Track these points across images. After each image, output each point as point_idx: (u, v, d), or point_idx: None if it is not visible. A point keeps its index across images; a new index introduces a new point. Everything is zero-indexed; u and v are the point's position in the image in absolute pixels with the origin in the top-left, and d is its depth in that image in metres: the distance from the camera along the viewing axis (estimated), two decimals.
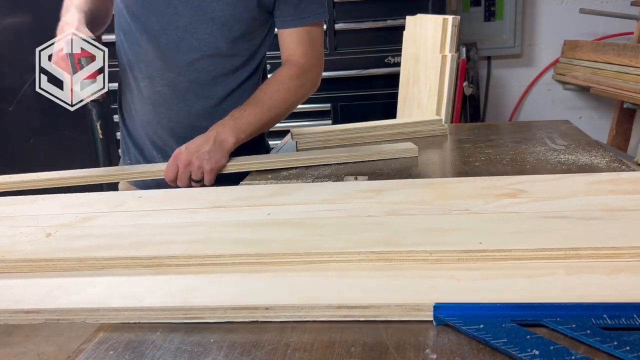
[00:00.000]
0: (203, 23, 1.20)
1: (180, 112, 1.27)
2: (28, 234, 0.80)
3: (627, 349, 0.47)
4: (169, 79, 1.25)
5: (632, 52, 2.51)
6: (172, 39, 1.22)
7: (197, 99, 1.26)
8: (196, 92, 1.26)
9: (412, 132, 1.39)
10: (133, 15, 1.23)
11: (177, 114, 1.27)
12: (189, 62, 1.23)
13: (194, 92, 1.26)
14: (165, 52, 1.23)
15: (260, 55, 1.31)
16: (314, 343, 0.53)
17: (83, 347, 0.56)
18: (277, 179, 1.12)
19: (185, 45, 1.22)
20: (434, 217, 0.77)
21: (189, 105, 1.27)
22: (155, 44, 1.23)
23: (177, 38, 1.22)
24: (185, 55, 1.23)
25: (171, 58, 1.23)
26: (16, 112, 2.61)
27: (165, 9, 1.20)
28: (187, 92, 1.26)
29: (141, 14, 1.22)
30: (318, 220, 0.79)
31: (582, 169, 1.04)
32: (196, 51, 1.22)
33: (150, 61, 1.25)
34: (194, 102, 1.26)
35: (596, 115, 3.14)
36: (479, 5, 3.01)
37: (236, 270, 0.67)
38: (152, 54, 1.24)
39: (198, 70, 1.24)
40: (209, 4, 1.19)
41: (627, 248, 0.63)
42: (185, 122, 1.28)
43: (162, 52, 1.23)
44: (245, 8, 1.20)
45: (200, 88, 1.26)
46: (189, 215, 0.85)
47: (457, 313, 0.54)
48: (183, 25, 1.21)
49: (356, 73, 2.51)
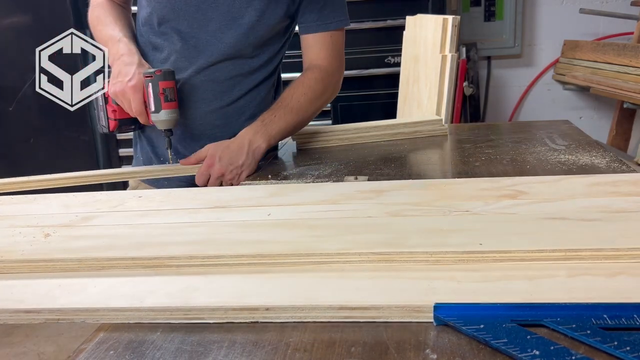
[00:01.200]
0: (231, 28, 1.22)
1: (197, 111, 1.28)
2: (27, 235, 0.80)
3: (627, 349, 0.47)
4: (188, 77, 1.26)
5: (632, 52, 2.51)
6: (200, 42, 1.24)
7: (213, 98, 1.28)
8: (214, 91, 1.27)
9: (412, 132, 1.39)
10: (162, 19, 1.25)
11: (193, 112, 1.28)
12: (210, 63, 1.25)
13: (212, 91, 1.27)
14: (190, 53, 1.25)
15: (278, 58, 1.34)
16: (314, 343, 0.53)
17: (83, 347, 0.56)
18: (277, 179, 1.12)
19: (211, 48, 1.24)
20: (434, 218, 0.77)
21: (206, 104, 1.28)
22: (181, 46, 1.25)
23: (205, 41, 1.24)
24: (209, 57, 1.24)
25: (194, 59, 1.25)
26: (16, 112, 2.61)
27: (195, 13, 1.22)
28: (205, 91, 1.27)
29: (171, 19, 1.24)
30: (318, 221, 0.79)
31: (582, 169, 1.04)
32: (220, 54, 1.24)
33: (172, 60, 1.26)
34: (211, 101, 1.28)
35: (596, 115, 3.14)
36: (479, 5, 3.01)
37: (236, 271, 0.67)
38: (175, 55, 1.26)
39: (218, 70, 1.26)
40: (239, 10, 1.21)
41: (628, 250, 0.63)
42: (200, 120, 1.29)
43: (186, 52, 1.25)
44: (273, 14, 1.23)
45: (218, 87, 1.27)
46: (190, 215, 0.85)
47: (457, 313, 0.54)
48: (212, 29, 1.23)
49: (356, 73, 2.51)
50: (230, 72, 1.26)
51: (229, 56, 1.24)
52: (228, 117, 1.25)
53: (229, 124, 1.28)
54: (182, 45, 1.24)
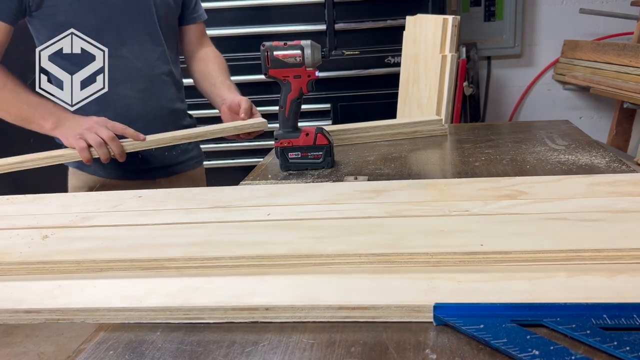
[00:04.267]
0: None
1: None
2: (25, 236, 0.80)
3: (627, 349, 0.47)
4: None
5: (632, 52, 2.51)
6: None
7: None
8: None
9: (412, 132, 1.39)
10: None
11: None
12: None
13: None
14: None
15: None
16: (314, 343, 0.53)
17: (83, 347, 0.56)
18: (277, 179, 1.12)
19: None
20: (434, 218, 0.77)
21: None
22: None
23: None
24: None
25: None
26: None
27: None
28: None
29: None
30: (318, 221, 0.79)
31: (582, 169, 1.04)
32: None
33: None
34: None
35: (596, 115, 3.13)
36: (479, 5, 3.01)
37: (236, 272, 0.67)
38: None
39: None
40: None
41: (628, 250, 0.63)
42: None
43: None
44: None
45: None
46: (189, 215, 0.85)
47: (457, 313, 0.54)
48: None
49: (356, 73, 2.51)
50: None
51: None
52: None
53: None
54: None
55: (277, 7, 2.47)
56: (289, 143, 1.16)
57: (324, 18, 2.42)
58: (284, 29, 2.43)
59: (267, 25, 2.46)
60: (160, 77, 1.35)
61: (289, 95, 1.15)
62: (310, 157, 1.16)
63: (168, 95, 1.38)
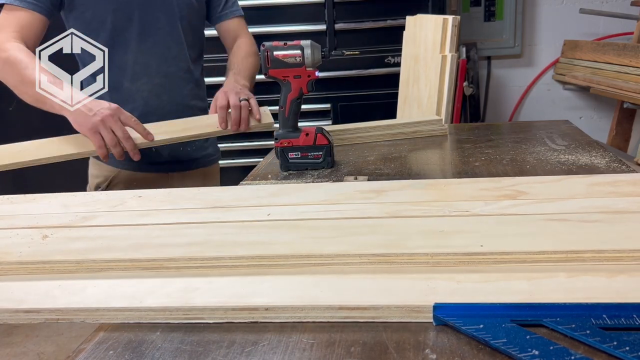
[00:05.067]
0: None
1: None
2: (25, 236, 0.80)
3: (626, 349, 0.47)
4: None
5: (632, 52, 2.51)
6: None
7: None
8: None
9: (412, 132, 1.39)
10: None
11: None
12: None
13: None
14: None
15: None
16: (313, 343, 0.53)
17: (83, 347, 0.56)
18: (277, 179, 1.12)
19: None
20: (434, 218, 0.77)
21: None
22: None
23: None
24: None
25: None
26: (16, 112, 2.60)
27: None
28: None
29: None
30: (318, 221, 0.79)
31: (582, 169, 1.04)
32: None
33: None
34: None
35: (596, 115, 3.13)
36: (479, 5, 3.01)
37: (236, 272, 0.67)
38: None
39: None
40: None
41: (628, 251, 0.63)
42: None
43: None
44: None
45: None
46: (189, 215, 0.85)
47: (456, 313, 0.54)
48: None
49: (356, 73, 2.51)
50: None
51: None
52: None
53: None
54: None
55: (277, 7, 2.47)
56: (289, 143, 1.16)
57: (324, 18, 2.42)
58: (284, 29, 2.43)
59: (267, 25, 2.46)
60: (176, 74, 1.39)
61: (289, 95, 1.15)
62: (310, 157, 1.16)
63: (184, 92, 1.41)
